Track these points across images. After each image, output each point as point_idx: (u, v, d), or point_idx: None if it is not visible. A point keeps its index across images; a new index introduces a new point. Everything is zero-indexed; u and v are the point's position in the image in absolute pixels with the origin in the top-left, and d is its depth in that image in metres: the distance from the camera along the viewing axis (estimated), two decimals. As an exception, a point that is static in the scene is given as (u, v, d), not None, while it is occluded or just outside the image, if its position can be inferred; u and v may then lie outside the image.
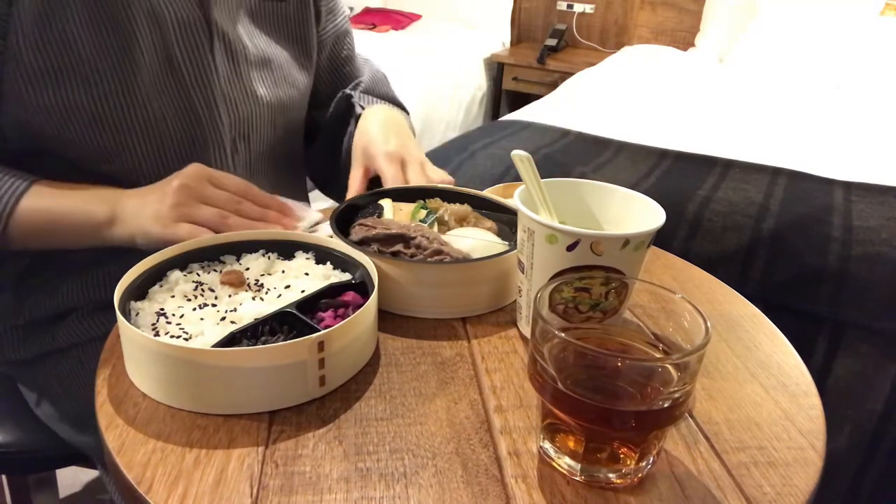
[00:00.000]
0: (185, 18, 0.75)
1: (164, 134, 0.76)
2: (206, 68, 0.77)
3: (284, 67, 0.88)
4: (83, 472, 1.46)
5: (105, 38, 0.71)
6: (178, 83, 0.76)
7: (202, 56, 0.77)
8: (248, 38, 0.83)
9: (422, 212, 0.74)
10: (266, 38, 0.86)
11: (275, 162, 0.91)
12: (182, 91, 0.76)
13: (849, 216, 1.24)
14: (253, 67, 0.83)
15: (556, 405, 0.45)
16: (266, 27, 0.87)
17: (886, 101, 2.04)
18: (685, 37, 3.06)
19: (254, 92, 0.83)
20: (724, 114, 1.90)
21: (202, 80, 0.77)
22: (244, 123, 0.82)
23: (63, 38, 0.69)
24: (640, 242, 0.54)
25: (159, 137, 0.76)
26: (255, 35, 0.85)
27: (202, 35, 0.77)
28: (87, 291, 0.79)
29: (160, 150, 0.76)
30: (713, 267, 0.76)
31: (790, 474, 0.48)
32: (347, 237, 0.68)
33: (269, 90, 0.85)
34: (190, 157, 0.78)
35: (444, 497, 0.44)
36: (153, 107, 0.74)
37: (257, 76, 0.84)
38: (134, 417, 0.50)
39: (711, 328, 0.44)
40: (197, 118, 0.78)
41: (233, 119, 0.81)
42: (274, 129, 0.87)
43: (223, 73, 0.79)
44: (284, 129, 0.90)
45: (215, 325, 0.56)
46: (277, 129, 0.88)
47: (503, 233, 0.73)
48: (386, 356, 0.59)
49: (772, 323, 0.67)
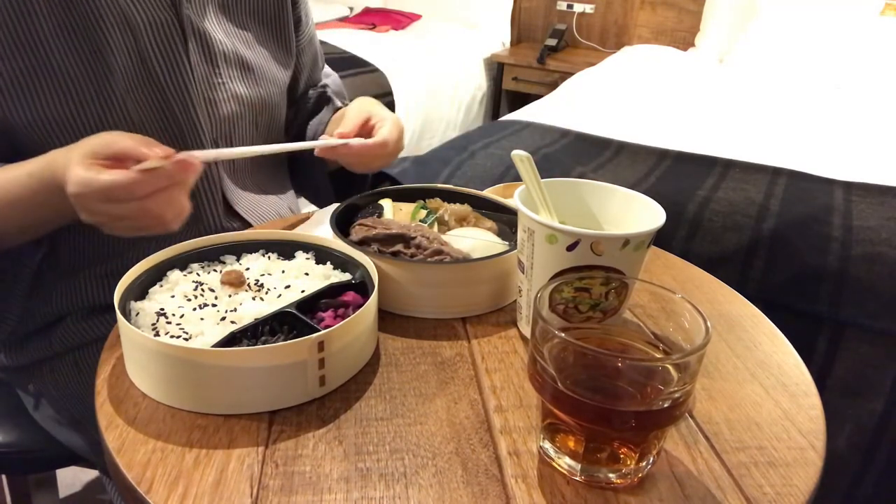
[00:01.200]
0: (156, 20, 0.74)
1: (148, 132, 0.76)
2: (181, 70, 0.76)
3: (264, 65, 0.87)
4: (83, 472, 1.46)
5: (76, 43, 0.70)
6: (153, 86, 0.75)
7: (177, 58, 0.76)
8: (226, 36, 0.82)
9: (422, 212, 0.74)
10: (244, 34, 0.86)
11: (259, 160, 0.90)
12: (158, 94, 0.75)
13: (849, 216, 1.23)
14: (232, 66, 0.82)
15: (556, 405, 0.45)
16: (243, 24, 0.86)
17: (886, 101, 2.04)
18: (685, 37, 3.06)
19: (234, 92, 0.82)
20: (724, 114, 1.90)
21: (177, 83, 0.76)
22: (225, 124, 0.82)
23: (32, 45, 0.68)
24: (640, 242, 0.54)
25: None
26: (233, 33, 0.84)
27: (175, 36, 0.75)
28: (79, 296, 0.79)
29: None
30: (713, 267, 0.76)
31: (790, 474, 0.48)
32: (347, 237, 0.68)
33: (250, 89, 0.84)
34: None
35: (444, 497, 0.44)
36: (130, 111, 0.74)
37: (237, 75, 0.83)
38: (134, 417, 0.50)
39: (711, 328, 0.44)
40: (175, 121, 0.77)
41: (213, 120, 0.80)
42: (256, 127, 0.87)
43: (200, 74, 0.78)
44: (266, 127, 0.89)
45: (215, 325, 0.56)
46: (260, 128, 0.88)
47: (503, 233, 0.73)
48: (386, 356, 0.59)
49: (772, 323, 0.67)
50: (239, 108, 0.83)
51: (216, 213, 0.82)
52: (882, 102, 2.03)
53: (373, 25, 3.13)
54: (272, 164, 0.95)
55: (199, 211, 0.81)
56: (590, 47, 3.29)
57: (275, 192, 0.94)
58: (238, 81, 0.83)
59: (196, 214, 0.80)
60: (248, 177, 0.89)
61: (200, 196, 0.80)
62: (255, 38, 0.87)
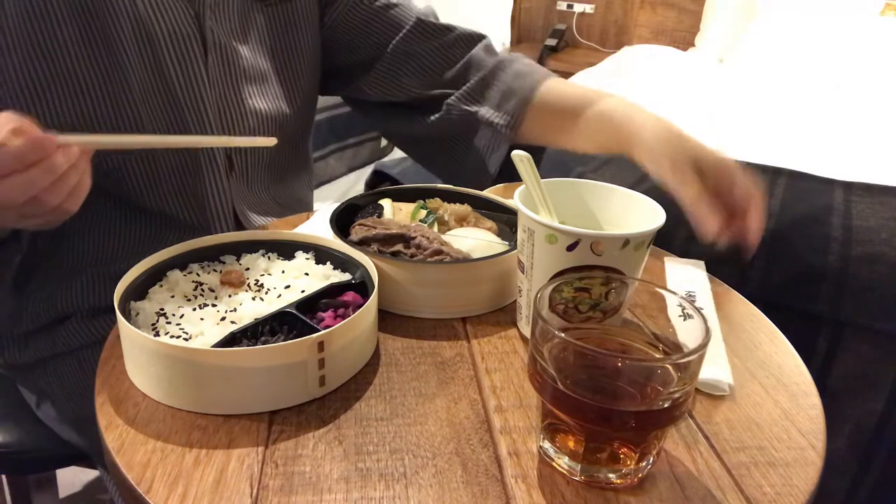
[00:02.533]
0: (178, 32, 0.73)
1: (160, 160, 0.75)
2: (198, 83, 0.75)
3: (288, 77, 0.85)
4: (83, 472, 1.46)
5: (94, 51, 0.70)
6: (169, 97, 0.74)
7: (195, 71, 0.75)
8: (249, 50, 0.81)
9: (422, 212, 0.74)
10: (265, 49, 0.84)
11: (275, 172, 0.89)
12: (174, 105, 0.75)
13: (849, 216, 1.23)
14: (252, 82, 0.81)
15: (556, 405, 0.45)
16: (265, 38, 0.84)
17: (886, 101, 2.04)
18: (685, 37, 3.06)
19: (252, 108, 0.81)
20: (724, 114, 1.90)
21: (194, 96, 0.75)
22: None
23: (51, 51, 0.68)
24: (640, 242, 0.54)
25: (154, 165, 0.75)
26: (255, 48, 0.82)
27: (196, 49, 0.75)
28: (82, 297, 0.79)
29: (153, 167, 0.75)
30: (713, 267, 0.76)
31: (790, 474, 0.48)
32: (347, 237, 0.68)
33: (271, 103, 0.83)
34: (183, 172, 0.77)
35: (444, 497, 0.44)
36: (144, 120, 0.73)
37: (257, 92, 0.81)
38: (134, 417, 0.50)
39: (711, 328, 0.44)
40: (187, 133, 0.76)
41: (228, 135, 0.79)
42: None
43: (217, 89, 0.77)
44: (286, 140, 0.86)
45: (215, 325, 0.56)
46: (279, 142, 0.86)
47: (503, 233, 0.73)
48: (386, 356, 0.59)
49: (772, 323, 0.67)
50: (258, 124, 0.81)
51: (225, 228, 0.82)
52: (882, 102, 2.03)
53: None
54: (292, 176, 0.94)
55: (210, 224, 0.80)
56: (590, 47, 3.29)
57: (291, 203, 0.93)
58: (258, 98, 0.81)
59: (205, 228, 0.80)
60: (265, 191, 0.88)
61: (210, 211, 0.80)
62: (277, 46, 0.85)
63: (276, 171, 0.89)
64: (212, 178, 0.79)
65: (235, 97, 0.79)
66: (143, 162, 0.75)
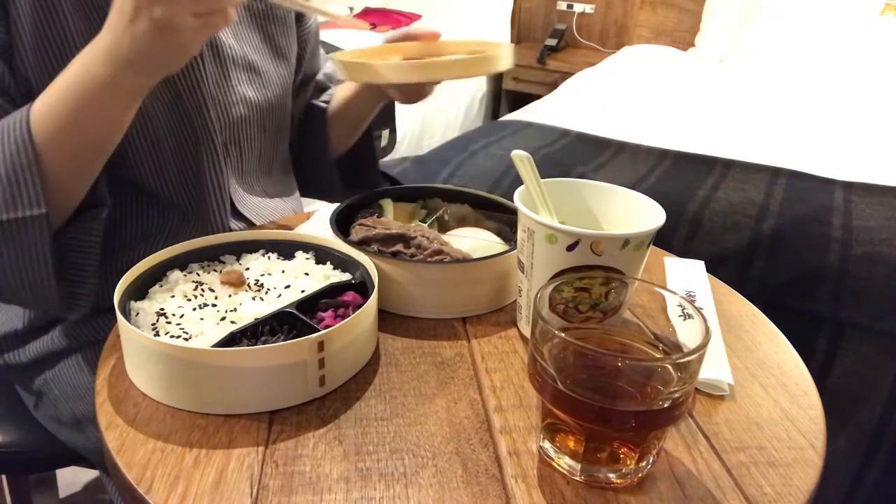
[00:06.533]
0: None
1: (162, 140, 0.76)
2: (195, 71, 0.77)
3: (270, 68, 0.88)
4: (83, 472, 1.46)
5: None
6: (170, 87, 0.75)
7: (192, 61, 0.76)
8: (235, 41, 0.83)
9: (422, 212, 0.74)
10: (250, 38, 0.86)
11: (266, 164, 0.91)
12: (174, 95, 0.76)
13: (849, 216, 1.23)
14: (241, 70, 0.83)
15: (556, 405, 0.45)
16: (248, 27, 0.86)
17: (886, 101, 2.04)
18: (685, 37, 3.06)
19: (243, 95, 0.83)
20: (724, 114, 1.90)
21: (192, 84, 0.77)
22: (234, 128, 0.82)
23: (59, 42, 0.69)
24: (640, 242, 0.54)
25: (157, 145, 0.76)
26: (241, 37, 0.85)
27: None
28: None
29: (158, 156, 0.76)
30: (713, 267, 0.76)
31: (790, 474, 0.48)
32: (347, 237, 0.68)
33: (258, 92, 0.85)
34: (185, 162, 0.78)
35: (444, 497, 0.44)
36: (148, 110, 0.74)
37: (245, 79, 0.84)
38: (134, 417, 0.50)
39: (711, 328, 0.44)
40: (190, 122, 0.77)
41: (223, 123, 0.81)
42: (263, 131, 0.87)
43: (212, 77, 0.79)
44: (273, 130, 0.90)
45: (215, 325, 0.56)
46: (269, 131, 0.88)
47: (503, 233, 0.73)
48: (386, 356, 0.59)
49: (772, 323, 0.67)
50: (248, 112, 0.84)
51: (223, 213, 0.82)
52: (882, 102, 2.03)
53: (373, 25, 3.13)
54: (280, 170, 0.96)
55: (206, 212, 0.81)
56: (590, 47, 3.29)
57: (280, 196, 0.95)
58: (246, 85, 0.84)
59: (203, 215, 0.81)
60: (256, 181, 0.90)
61: (208, 197, 0.81)
62: (261, 41, 0.87)
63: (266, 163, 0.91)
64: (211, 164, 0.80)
65: (228, 85, 0.81)
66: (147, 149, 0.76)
